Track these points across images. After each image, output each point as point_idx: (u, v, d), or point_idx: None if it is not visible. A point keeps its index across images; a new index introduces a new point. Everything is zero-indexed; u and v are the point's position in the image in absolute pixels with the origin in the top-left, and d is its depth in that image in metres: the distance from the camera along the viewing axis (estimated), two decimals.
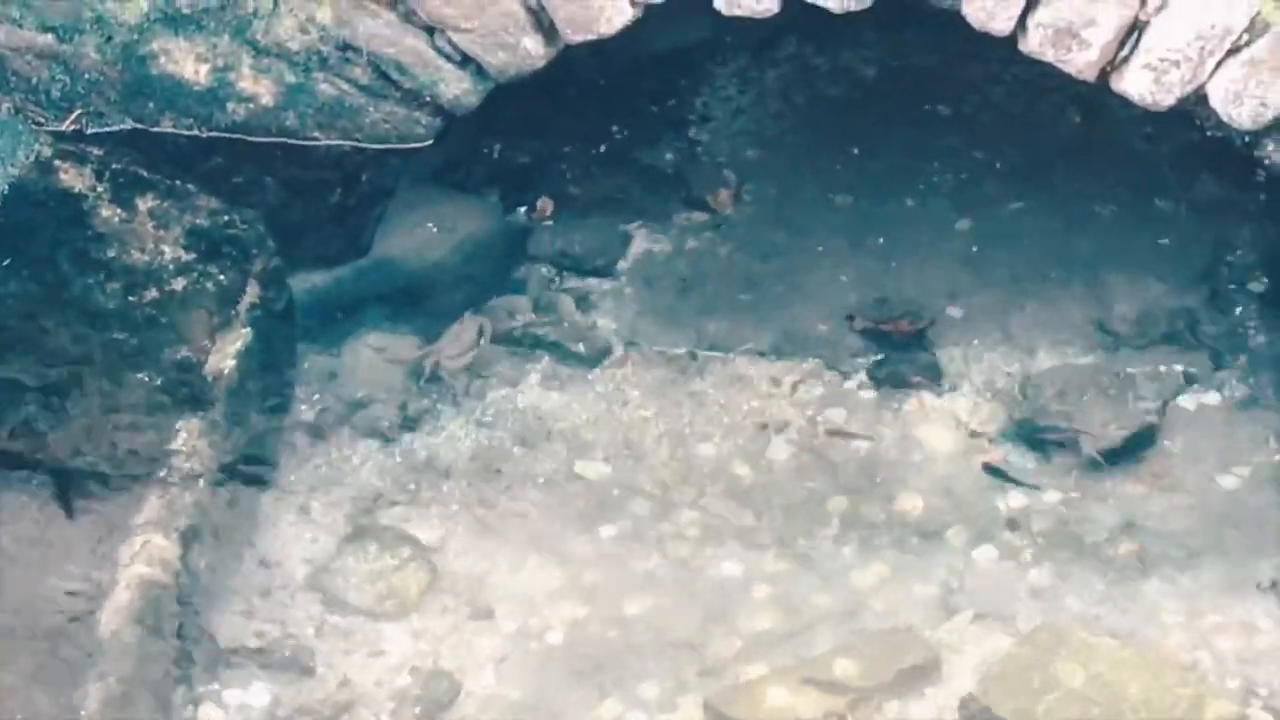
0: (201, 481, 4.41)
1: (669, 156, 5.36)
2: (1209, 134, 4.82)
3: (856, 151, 5.35)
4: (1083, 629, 4.32)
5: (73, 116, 5.01)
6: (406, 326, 5.03)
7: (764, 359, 4.95)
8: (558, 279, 5.14)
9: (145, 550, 4.20)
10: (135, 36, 4.88)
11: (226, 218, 4.95)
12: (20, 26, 4.87)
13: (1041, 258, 5.12)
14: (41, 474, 4.38)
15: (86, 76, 4.96)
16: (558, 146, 5.28)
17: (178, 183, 4.99)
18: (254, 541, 4.50)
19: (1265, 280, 5.02)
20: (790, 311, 5.04)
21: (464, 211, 5.17)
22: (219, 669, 4.21)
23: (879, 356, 4.91)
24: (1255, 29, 4.58)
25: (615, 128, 5.34)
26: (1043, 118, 5.20)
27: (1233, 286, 5.05)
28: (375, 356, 4.96)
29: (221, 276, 4.84)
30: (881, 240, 5.18)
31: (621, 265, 5.17)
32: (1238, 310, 4.98)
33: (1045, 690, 4.17)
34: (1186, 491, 4.64)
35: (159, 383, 4.59)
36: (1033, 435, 4.75)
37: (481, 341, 5.13)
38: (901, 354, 4.94)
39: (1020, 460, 4.71)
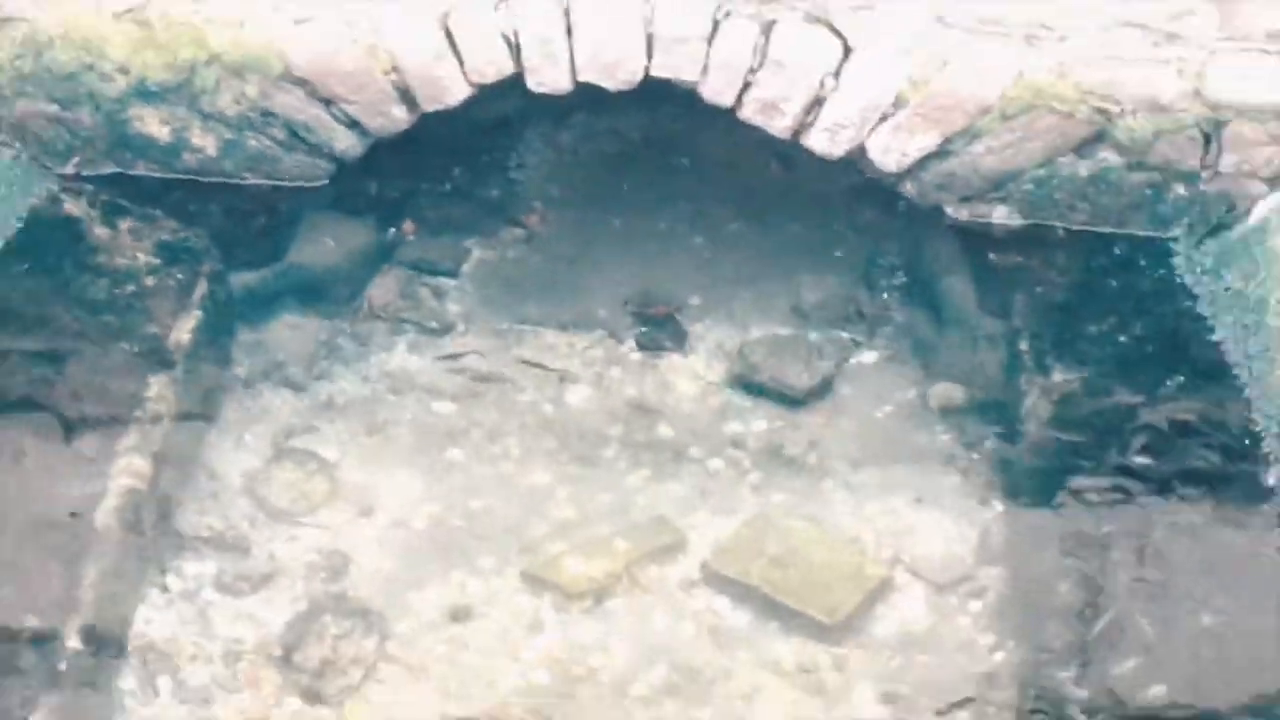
0: (166, 420, 4.52)
1: (495, 192, 5.48)
2: (867, 176, 4.97)
3: (625, 188, 5.47)
4: (783, 515, 4.48)
5: (72, 163, 5.09)
6: (311, 310, 5.09)
7: (563, 332, 5.10)
8: (418, 278, 5.25)
9: (127, 469, 4.34)
10: (118, 107, 4.98)
11: (184, 234, 5.05)
12: (35, 100, 5.00)
13: (754, 263, 5.24)
14: (51, 415, 4.48)
15: (82, 134, 5.04)
16: (417, 184, 5.40)
17: (149, 210, 5.07)
18: (204, 462, 4.63)
19: (904, 276, 5.19)
20: (582, 299, 5.17)
21: (351, 230, 5.26)
22: (181, 551, 4.34)
23: (644, 330, 5.07)
24: (899, 103, 4.70)
25: (458, 171, 5.46)
26: (755, 165, 5.31)
27: (883, 282, 5.21)
28: (289, 331, 5.04)
29: (180, 276, 4.91)
30: (644, 251, 5.31)
31: (464, 269, 5.29)
32: (885, 297, 5.16)
33: (758, 557, 4.34)
34: (854, 421, 4.81)
35: (136, 350, 4.68)
36: (749, 383, 4.91)
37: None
38: (659, 329, 5.07)
39: (740, 400, 4.86)
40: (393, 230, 5.30)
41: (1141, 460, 4.43)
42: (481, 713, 4.01)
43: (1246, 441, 4.35)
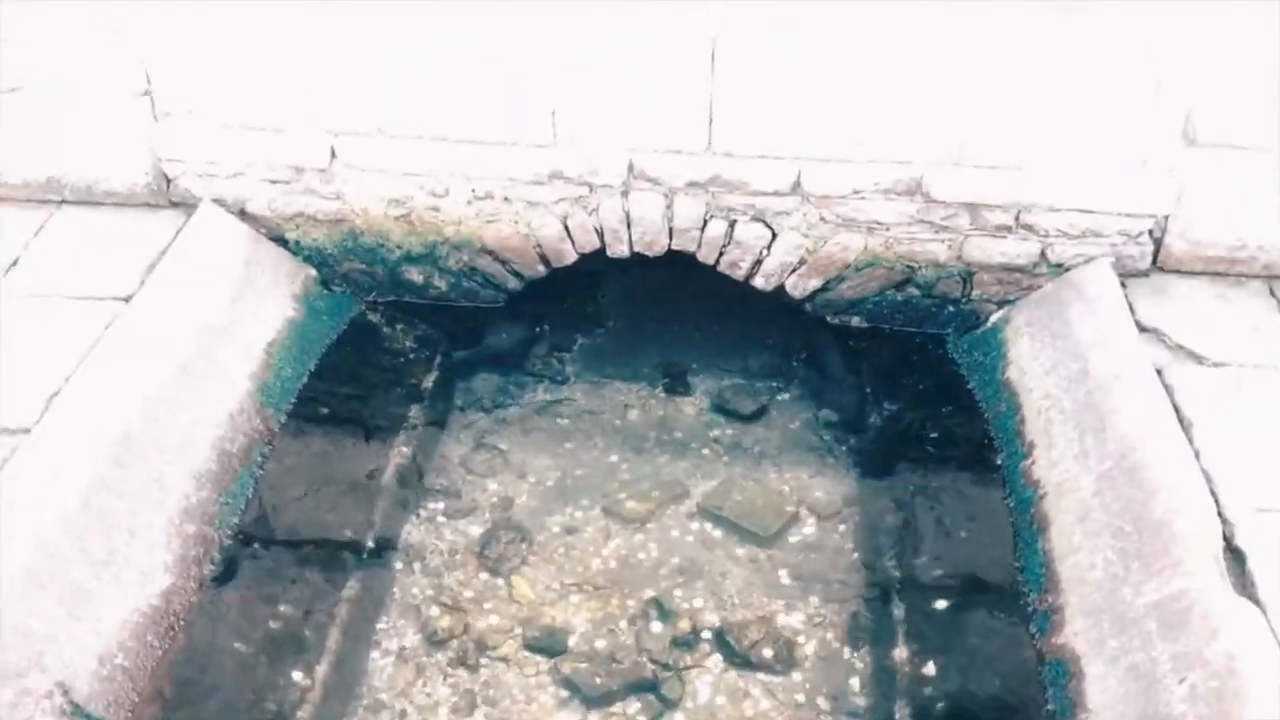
0: (419, 427, 4.56)
1: (590, 308, 5.29)
2: (785, 300, 4.90)
3: (657, 306, 5.28)
4: (741, 478, 4.46)
5: (372, 295, 5.03)
6: (496, 370, 4.98)
7: (625, 382, 4.95)
8: (552, 353, 5.09)
9: (399, 453, 4.43)
10: (395, 265, 4.94)
11: (429, 331, 4.99)
12: (353, 262, 4.93)
13: (725, 346, 5.10)
14: (360, 425, 4.53)
15: (377, 280, 4.99)
16: (551, 305, 5.18)
17: (411, 318, 5.03)
18: (439, 450, 4.57)
19: (805, 353, 5.05)
20: (635, 365, 5.03)
21: (517, 328, 5.13)
22: (426, 496, 4.37)
23: (666, 381, 4.97)
24: (801, 262, 4.73)
25: (570, 298, 5.25)
26: (726, 294, 4.99)
27: (794, 356, 5.06)
28: (483, 381, 4.92)
29: (427, 352, 4.93)
30: (668, 339, 5.15)
31: (574, 349, 5.12)
32: (794, 364, 5.02)
33: (727, 500, 4.35)
34: (779, 430, 4.74)
35: (403, 392, 4.74)
36: (722, 408, 4.82)
37: None
38: (675, 380, 4.96)
39: (717, 418, 4.79)
40: (537, 330, 5.20)
41: (931, 449, 4.53)
42: (582, 580, 4.12)
43: (986, 441, 4.45)
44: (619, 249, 4.86)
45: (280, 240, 4.94)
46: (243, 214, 4.88)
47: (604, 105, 4.55)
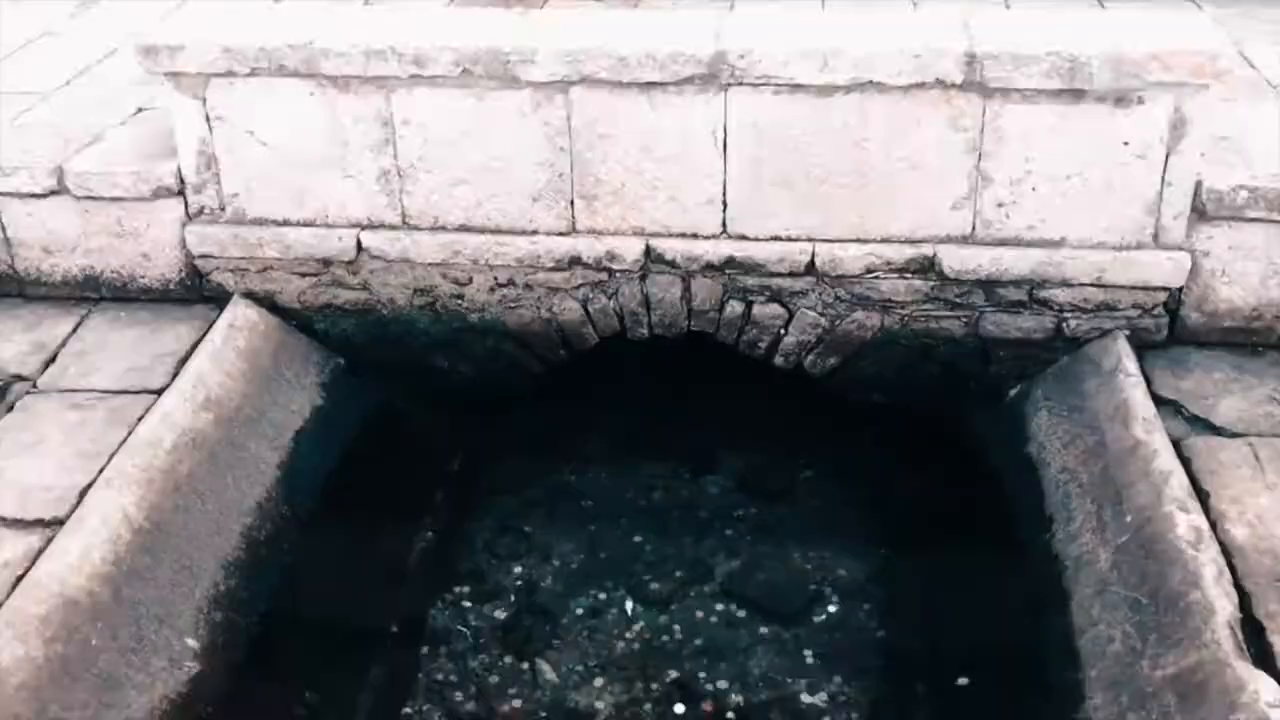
0: (444, 510, 4.76)
1: (613, 389, 5.20)
2: (805, 377, 4.90)
3: (682, 393, 5.26)
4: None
5: (397, 383, 5.07)
6: (526, 452, 5.13)
7: (656, 463, 5.08)
8: (577, 433, 5.17)
9: (431, 524, 4.69)
10: (423, 352, 4.98)
11: (455, 416, 5.12)
12: (380, 350, 4.99)
13: (753, 425, 5.17)
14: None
15: (403, 367, 5.01)
16: (574, 389, 5.15)
17: (439, 404, 5.10)
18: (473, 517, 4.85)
19: (825, 430, 5.04)
20: (665, 445, 5.13)
21: (541, 411, 5.19)
22: None
23: (691, 459, 5.09)
24: (818, 341, 4.76)
25: (594, 381, 5.16)
26: (754, 374, 4.93)
27: (814, 433, 5.09)
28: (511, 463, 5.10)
29: (452, 436, 5.15)
30: (694, 419, 5.18)
31: (600, 428, 5.22)
32: (816, 442, 5.09)
33: None
34: (801, 508, 4.87)
35: (432, 476, 4.92)
36: (747, 486, 4.93)
37: None
38: (701, 461, 5.08)
39: (740, 497, 4.87)
40: (562, 412, 5.25)
41: (953, 525, 4.60)
42: (606, 662, 4.16)
43: (1008, 516, 4.45)
44: (639, 332, 4.96)
45: (309, 330, 5.06)
46: (273, 306, 5.02)
47: (620, 193, 4.69)
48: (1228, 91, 5.21)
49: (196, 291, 5.04)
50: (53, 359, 4.68)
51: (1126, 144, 4.41)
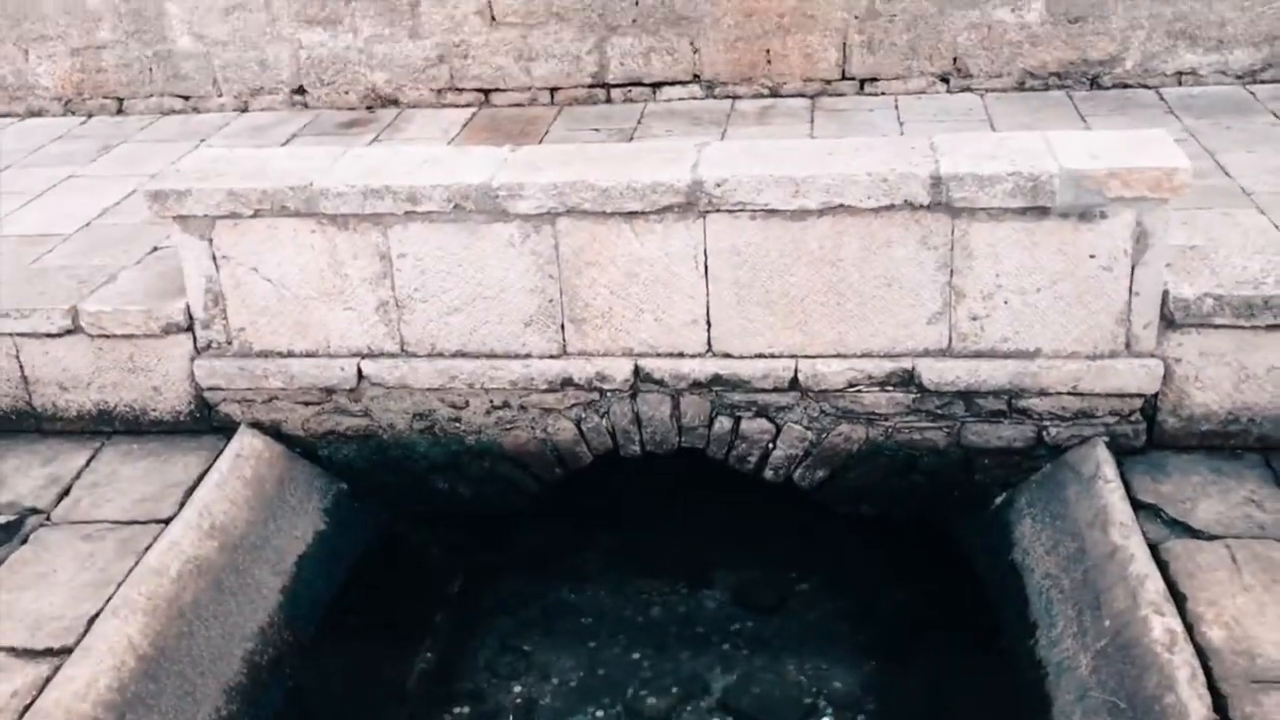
0: (444, 631, 4.91)
1: (609, 506, 5.39)
2: (794, 489, 5.00)
3: (677, 508, 5.39)
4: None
5: (398, 506, 5.20)
6: (525, 572, 5.20)
7: (649, 579, 5.11)
8: (575, 552, 5.26)
9: (432, 646, 4.88)
10: (422, 475, 5.16)
11: (455, 537, 5.25)
12: (381, 475, 5.18)
13: (748, 539, 5.25)
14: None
15: (403, 490, 5.18)
16: (571, 507, 5.28)
17: (439, 526, 5.27)
18: (474, 635, 4.83)
19: (818, 543, 5.14)
20: (655, 560, 5.20)
21: (539, 531, 5.31)
22: None
23: (687, 574, 5.13)
24: (805, 455, 4.90)
25: (590, 500, 5.31)
26: (746, 488, 5.06)
27: (807, 546, 5.16)
28: (510, 582, 5.17)
29: (452, 557, 5.25)
30: (688, 536, 5.30)
31: (598, 545, 5.32)
32: (809, 554, 5.18)
33: None
34: (796, 620, 4.92)
35: (433, 597, 5.02)
36: (744, 601, 4.97)
37: None
38: (698, 574, 5.14)
39: (738, 610, 4.93)
40: (560, 530, 5.32)
41: (943, 634, 4.71)
42: None
43: (995, 623, 4.54)
44: (631, 449, 5.10)
45: (313, 456, 5.24)
46: (278, 434, 5.20)
47: (608, 316, 4.92)
48: (1202, 200, 5.50)
49: (205, 422, 5.26)
50: (66, 491, 4.91)
51: (1093, 257, 4.60)
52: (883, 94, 7.45)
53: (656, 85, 7.58)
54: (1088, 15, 7.23)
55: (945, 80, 7.45)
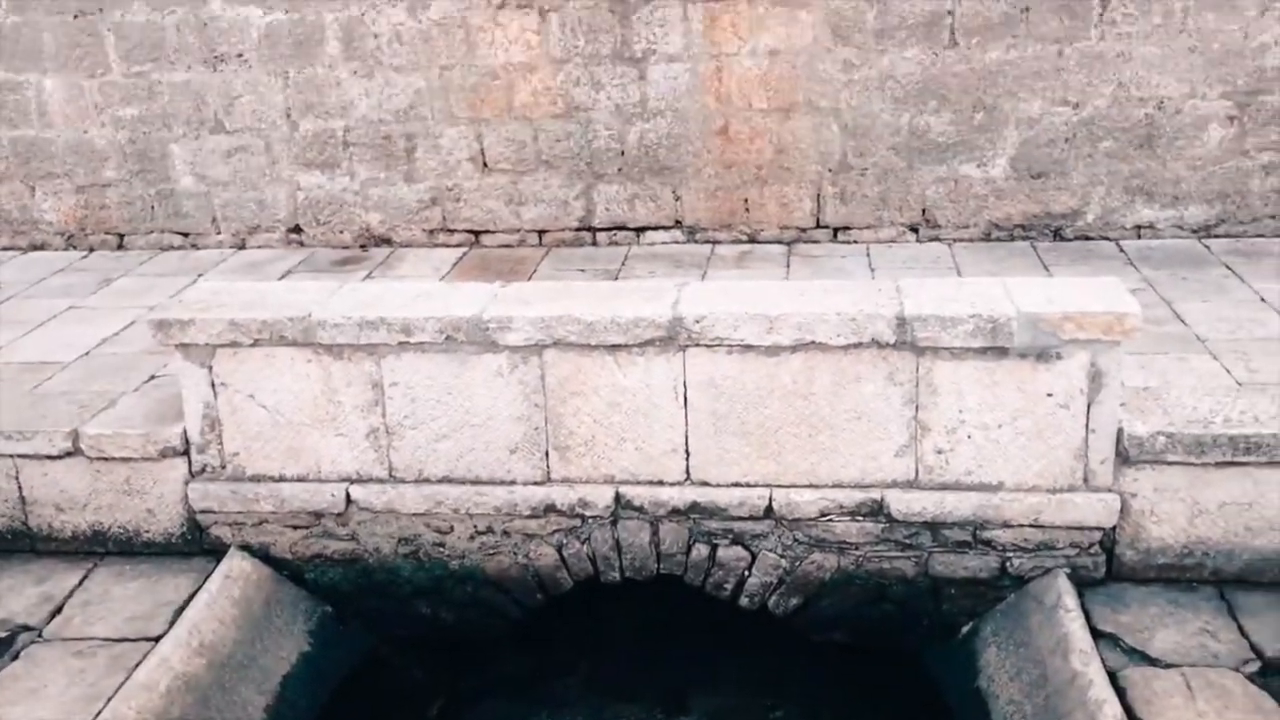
0: None
1: (589, 632, 5.44)
2: (769, 615, 5.12)
3: (657, 635, 5.43)
4: None
5: (382, 630, 5.33)
6: (520, 693, 5.20)
7: (628, 703, 5.14)
8: (556, 677, 5.30)
9: None
10: (407, 599, 5.30)
11: (437, 661, 5.30)
12: (366, 599, 5.31)
13: (725, 666, 5.24)
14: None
15: (387, 614, 5.31)
16: (552, 633, 5.39)
17: (422, 650, 5.34)
18: None
19: (794, 670, 5.14)
20: (632, 685, 5.21)
21: (521, 656, 5.35)
22: None
23: (665, 701, 5.15)
24: (779, 582, 5.03)
25: (570, 625, 5.41)
26: (723, 616, 5.18)
27: (783, 672, 5.18)
28: (491, 708, 5.14)
29: (434, 682, 5.26)
30: (666, 663, 5.30)
31: (578, 671, 5.32)
32: (784, 682, 5.15)
33: None
34: None
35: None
36: None
37: None
38: (678, 700, 5.16)
39: None
40: (540, 656, 5.37)
41: None
42: None
43: None
44: (611, 575, 5.24)
45: (299, 579, 5.37)
46: (266, 557, 5.35)
47: (591, 444, 5.14)
48: (1158, 346, 5.81)
49: (197, 544, 5.41)
50: (59, 609, 5.04)
51: (1050, 395, 4.88)
52: (855, 242, 7.84)
53: (640, 230, 7.97)
54: (1049, 171, 7.68)
55: (915, 230, 7.85)
